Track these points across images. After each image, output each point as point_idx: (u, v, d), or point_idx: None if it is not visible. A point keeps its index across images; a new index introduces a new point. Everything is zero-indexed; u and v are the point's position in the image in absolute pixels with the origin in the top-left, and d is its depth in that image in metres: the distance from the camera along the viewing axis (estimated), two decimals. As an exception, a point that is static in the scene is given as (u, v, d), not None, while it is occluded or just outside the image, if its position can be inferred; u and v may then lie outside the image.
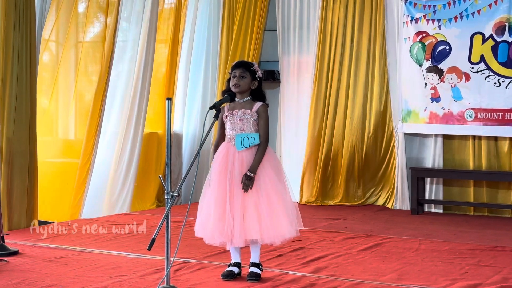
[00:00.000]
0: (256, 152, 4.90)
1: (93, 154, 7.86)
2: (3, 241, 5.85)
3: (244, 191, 4.82)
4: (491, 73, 8.23)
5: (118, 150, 8.37)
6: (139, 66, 8.47)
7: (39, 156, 7.17)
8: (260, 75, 5.05)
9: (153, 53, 8.61)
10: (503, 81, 8.16)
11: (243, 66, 5.01)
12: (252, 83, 5.00)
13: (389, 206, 8.91)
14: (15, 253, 5.76)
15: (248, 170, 4.83)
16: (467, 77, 8.37)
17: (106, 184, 8.32)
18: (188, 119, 9.57)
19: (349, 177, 9.11)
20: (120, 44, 8.40)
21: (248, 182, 4.82)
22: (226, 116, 4.99)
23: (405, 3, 8.72)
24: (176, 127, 9.40)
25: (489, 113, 8.23)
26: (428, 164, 8.77)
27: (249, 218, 4.82)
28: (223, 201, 4.84)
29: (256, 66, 5.04)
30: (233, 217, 4.80)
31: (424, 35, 8.64)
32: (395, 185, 8.88)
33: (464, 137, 8.57)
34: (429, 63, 8.59)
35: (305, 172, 9.23)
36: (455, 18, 8.45)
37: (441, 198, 8.70)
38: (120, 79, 8.49)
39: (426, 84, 8.60)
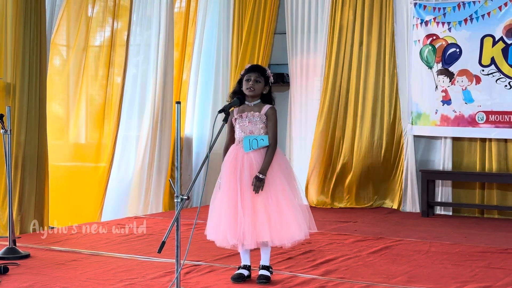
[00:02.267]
0: (265, 154, 4.92)
1: (115, 157, 8.03)
2: (14, 244, 5.88)
3: (255, 193, 4.84)
4: (502, 76, 8.22)
5: (145, 153, 8.46)
6: (161, 69, 8.55)
7: (50, 160, 7.22)
8: (272, 80, 5.10)
9: (172, 56, 8.69)
10: (513, 84, 8.16)
11: (258, 70, 5.04)
12: (265, 88, 5.05)
13: (399, 208, 8.90)
14: (26, 256, 5.79)
15: (259, 172, 4.85)
16: (478, 80, 8.36)
17: (130, 187, 8.39)
18: (198, 122, 9.61)
19: (359, 179, 9.10)
20: (131, 48, 8.44)
21: (258, 183, 4.84)
22: (236, 119, 5.02)
23: (414, 5, 8.72)
24: (186, 130, 9.43)
25: (500, 116, 8.22)
26: (438, 166, 8.76)
27: (260, 220, 4.83)
28: (234, 203, 4.85)
29: (269, 72, 5.09)
30: (242, 220, 4.81)
31: (434, 37, 8.63)
32: (405, 187, 8.87)
33: (474, 140, 8.56)
34: (440, 65, 8.58)
35: (315, 174, 9.23)
36: (465, 20, 8.44)
37: (451, 200, 8.69)
38: (135, 83, 8.53)
39: (436, 86, 8.59)
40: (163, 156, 8.68)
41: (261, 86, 5.01)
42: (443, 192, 8.72)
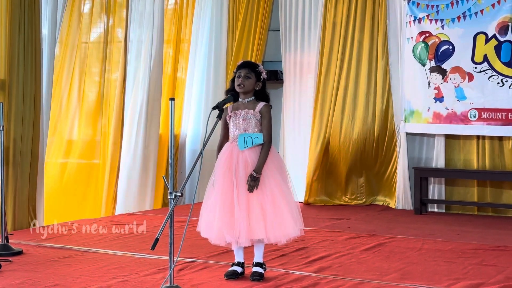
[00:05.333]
0: (260, 152, 4.92)
1: (108, 154, 8.06)
2: (7, 241, 5.87)
3: (250, 192, 4.84)
4: (494, 73, 8.23)
5: (136, 149, 8.48)
6: (154, 66, 8.53)
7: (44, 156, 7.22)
8: (265, 76, 5.07)
9: (162, 53, 8.70)
10: (506, 81, 8.16)
11: (248, 66, 5.02)
12: (257, 84, 5.02)
13: (392, 205, 8.92)
14: (19, 253, 5.78)
15: (253, 170, 4.85)
16: (471, 77, 8.37)
17: (121, 183, 8.40)
18: (191, 119, 9.59)
19: (352, 176, 9.12)
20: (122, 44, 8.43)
21: (253, 182, 4.84)
22: (230, 116, 5.01)
23: (408, 3, 8.73)
24: (178, 127, 9.42)
25: (493, 113, 8.23)
26: (431, 164, 8.78)
27: (255, 218, 4.83)
28: (229, 201, 4.85)
29: (261, 68, 5.06)
30: (238, 217, 4.81)
31: (427, 35, 8.64)
32: (398, 184, 8.88)
33: (467, 137, 8.57)
34: (432, 63, 8.60)
35: (308, 172, 9.24)
36: (458, 18, 8.45)
37: (444, 198, 8.70)
38: (128, 79, 8.53)
39: (429, 84, 8.60)
40: (154, 153, 8.65)
41: (251, 82, 4.99)
42: (436, 189, 8.73)
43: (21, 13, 6.84)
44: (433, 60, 8.59)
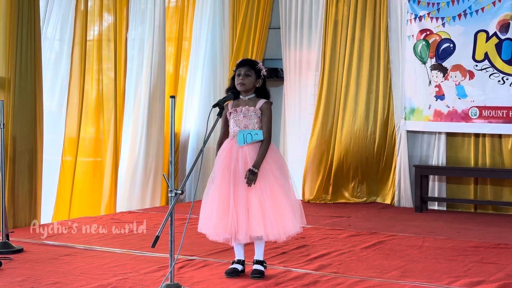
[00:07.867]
0: (259, 149, 4.92)
1: (108, 151, 8.10)
2: (7, 238, 5.87)
3: (248, 186, 4.84)
4: (495, 71, 8.23)
5: (139, 147, 8.51)
6: (155, 65, 8.54)
7: (44, 154, 7.21)
8: (265, 73, 5.07)
9: (164, 51, 8.70)
10: (507, 79, 8.16)
11: (248, 64, 5.02)
12: (257, 81, 5.03)
13: (392, 203, 8.91)
14: (19, 250, 5.78)
15: (252, 165, 4.85)
16: (471, 75, 8.37)
17: (123, 181, 8.40)
18: (195, 117, 9.59)
19: (352, 174, 9.12)
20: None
21: (252, 177, 4.84)
22: (230, 113, 5.01)
23: (408, 1, 8.72)
24: (179, 125, 9.42)
25: (494, 111, 8.23)
26: (432, 161, 8.78)
27: (254, 215, 4.83)
28: (227, 197, 4.85)
29: (260, 65, 5.06)
30: (237, 214, 4.81)
31: (428, 33, 8.64)
32: (398, 182, 8.88)
33: (467, 135, 8.57)
34: (433, 61, 8.59)
35: (308, 169, 9.24)
36: (459, 15, 8.45)
37: (444, 195, 8.71)
38: (129, 77, 8.53)
39: (430, 82, 8.60)
40: (156, 150, 8.67)
41: (252, 80, 5.00)
42: (437, 187, 8.73)
43: (20, 12, 6.83)
44: (434, 58, 8.59)
